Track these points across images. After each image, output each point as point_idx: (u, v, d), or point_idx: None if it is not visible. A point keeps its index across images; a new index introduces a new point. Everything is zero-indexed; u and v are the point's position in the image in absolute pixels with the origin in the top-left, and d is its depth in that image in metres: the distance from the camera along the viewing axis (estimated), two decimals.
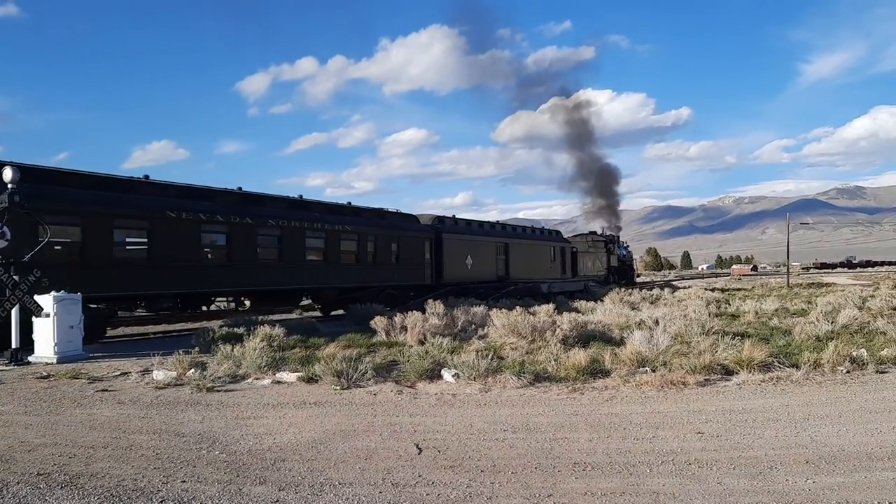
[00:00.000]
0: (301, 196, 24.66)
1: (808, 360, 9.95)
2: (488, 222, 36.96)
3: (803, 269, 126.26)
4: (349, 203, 26.58)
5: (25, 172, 14.40)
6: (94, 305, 15.78)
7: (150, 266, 17.51)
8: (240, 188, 22.25)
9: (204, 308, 21.53)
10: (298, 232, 21.99)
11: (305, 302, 24.98)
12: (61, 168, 17.20)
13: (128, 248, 17.75)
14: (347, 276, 24.17)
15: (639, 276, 72.89)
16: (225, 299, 22.09)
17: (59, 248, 15.62)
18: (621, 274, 51.53)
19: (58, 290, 13.45)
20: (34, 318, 12.90)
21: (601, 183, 74.96)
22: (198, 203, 19.28)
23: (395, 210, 29.95)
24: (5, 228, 12.78)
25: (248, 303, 21.95)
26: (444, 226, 30.56)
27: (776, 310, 19.58)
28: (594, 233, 53.03)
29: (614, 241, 52.56)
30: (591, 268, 46.03)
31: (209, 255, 19.65)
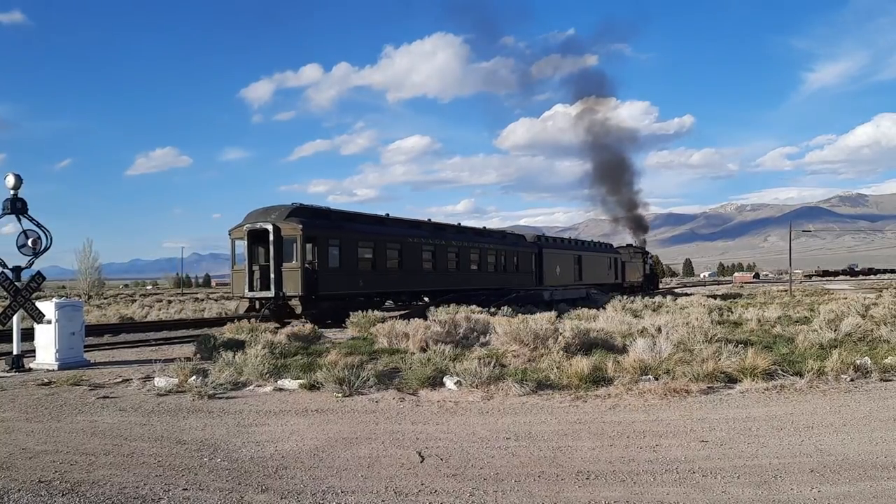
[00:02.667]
0: (459, 223, 35.19)
1: (812, 369, 9.89)
2: (568, 239, 48.02)
3: (805, 276, 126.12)
4: (485, 227, 36.46)
5: (347, 216, 26.41)
6: (376, 298, 25.98)
7: (399, 273, 27.23)
8: (429, 220, 32.20)
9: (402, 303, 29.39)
10: (466, 249, 31.81)
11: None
12: (361, 212, 28.29)
13: (389, 261, 26.83)
14: (491, 281, 33.32)
15: (661, 281, 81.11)
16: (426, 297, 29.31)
17: (365, 262, 25.47)
18: (650, 280, 60.45)
19: (364, 289, 24.61)
20: (35, 325, 12.90)
21: (627, 196, 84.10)
22: (418, 230, 29.44)
23: (510, 231, 40.88)
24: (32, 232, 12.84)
25: (426, 299, 28.79)
26: (543, 242, 40.74)
27: (779, 318, 19.51)
28: (631, 245, 61.51)
29: (647, 252, 61.67)
30: (632, 274, 54.22)
31: (424, 266, 28.83)
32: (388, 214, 28.77)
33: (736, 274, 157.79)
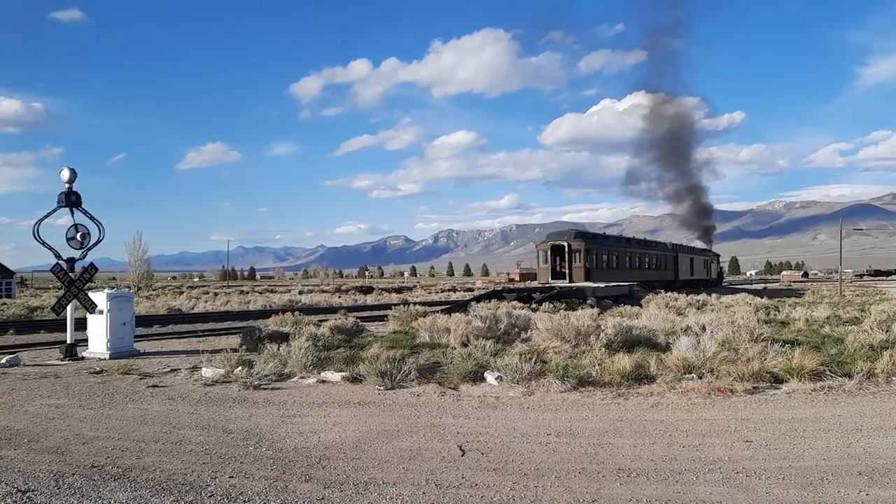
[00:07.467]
0: (634, 237, 53.34)
1: (862, 370, 9.64)
2: (685, 245, 65.32)
3: (856, 276, 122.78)
4: (646, 239, 54.86)
5: (597, 235, 49.35)
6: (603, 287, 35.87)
7: (619, 271, 41.89)
8: (622, 234, 55.90)
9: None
10: (644, 255, 49.14)
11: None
12: (599, 232, 52.10)
13: (615, 263, 42.74)
14: (659, 275, 50.42)
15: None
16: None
17: (607, 263, 41.73)
18: (720, 276, 79.19)
19: (599, 282, 35.76)
20: (88, 315, 13.29)
21: (698, 202, 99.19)
22: (620, 242, 48.38)
23: (657, 241, 58.35)
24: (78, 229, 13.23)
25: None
26: (677, 247, 58.36)
27: (828, 318, 19.04)
28: (707, 249, 77.44)
29: (718, 254, 79.22)
30: (712, 272, 70.77)
31: (635, 266, 45.39)
32: (605, 233, 50.13)
33: (784, 272, 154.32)
